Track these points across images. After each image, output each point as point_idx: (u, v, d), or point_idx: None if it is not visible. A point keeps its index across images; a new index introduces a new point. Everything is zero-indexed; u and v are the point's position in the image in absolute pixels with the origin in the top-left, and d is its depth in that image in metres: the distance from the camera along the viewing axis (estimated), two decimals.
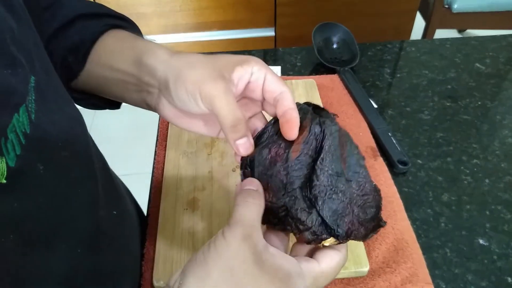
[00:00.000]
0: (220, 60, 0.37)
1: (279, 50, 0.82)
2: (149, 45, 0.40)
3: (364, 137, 0.61)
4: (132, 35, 0.43)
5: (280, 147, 0.35)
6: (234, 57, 0.38)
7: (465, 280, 0.46)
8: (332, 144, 0.35)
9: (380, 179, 0.55)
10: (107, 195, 0.40)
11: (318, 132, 0.35)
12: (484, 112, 0.67)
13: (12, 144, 0.24)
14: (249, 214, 0.31)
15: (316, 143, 0.35)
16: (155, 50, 0.39)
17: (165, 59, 0.38)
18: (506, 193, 0.55)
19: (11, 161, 0.24)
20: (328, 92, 0.69)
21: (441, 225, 0.52)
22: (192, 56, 0.38)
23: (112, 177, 0.46)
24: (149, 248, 0.49)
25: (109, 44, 0.42)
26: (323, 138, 0.35)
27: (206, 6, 1.54)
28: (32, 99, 0.27)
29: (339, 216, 0.33)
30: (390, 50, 0.80)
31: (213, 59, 0.37)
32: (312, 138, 0.35)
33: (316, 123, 0.36)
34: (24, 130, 0.25)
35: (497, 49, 0.80)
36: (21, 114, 0.25)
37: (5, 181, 0.23)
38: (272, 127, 0.37)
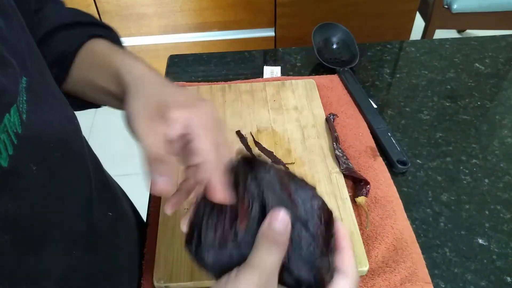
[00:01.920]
0: (170, 95, 0.36)
1: (279, 50, 0.82)
2: (125, 61, 0.39)
3: (363, 137, 0.61)
4: (111, 48, 0.42)
5: (225, 222, 0.31)
6: (184, 97, 0.36)
7: (465, 280, 0.46)
8: (273, 194, 0.32)
9: (379, 179, 0.55)
10: (101, 197, 0.39)
11: (254, 190, 0.32)
12: (484, 112, 0.67)
13: (4, 144, 0.24)
14: (270, 259, 0.29)
15: (259, 202, 0.32)
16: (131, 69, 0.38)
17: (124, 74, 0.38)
18: (505, 193, 0.55)
19: (4, 161, 0.24)
20: (328, 92, 0.69)
21: (441, 225, 0.52)
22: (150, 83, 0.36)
23: (107, 178, 0.46)
24: (150, 248, 0.49)
25: (89, 58, 0.42)
26: (263, 194, 0.31)
27: (206, 6, 1.54)
28: (24, 100, 0.27)
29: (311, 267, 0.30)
30: (390, 50, 0.80)
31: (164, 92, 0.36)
32: (251, 199, 0.32)
33: (250, 180, 0.32)
34: (15, 130, 0.25)
35: (497, 49, 0.80)
36: (12, 114, 0.25)
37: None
38: (203, 202, 0.33)
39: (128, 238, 0.48)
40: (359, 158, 0.58)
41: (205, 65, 0.77)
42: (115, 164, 0.45)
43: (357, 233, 0.48)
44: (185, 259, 0.46)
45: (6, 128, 0.24)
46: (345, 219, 0.49)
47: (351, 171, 0.55)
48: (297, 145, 0.59)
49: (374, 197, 0.53)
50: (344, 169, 0.55)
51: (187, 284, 0.45)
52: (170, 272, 0.45)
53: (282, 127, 0.62)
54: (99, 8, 1.54)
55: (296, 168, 0.56)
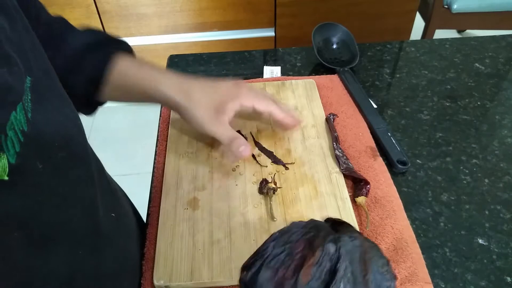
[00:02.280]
0: (217, 94, 0.51)
1: (279, 50, 0.82)
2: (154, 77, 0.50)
3: (363, 137, 0.61)
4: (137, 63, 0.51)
5: (289, 269, 0.31)
6: (228, 90, 0.52)
7: (464, 280, 0.46)
8: (349, 265, 0.30)
9: (379, 179, 0.55)
10: (104, 198, 0.40)
11: (332, 252, 0.31)
12: (484, 112, 0.67)
13: (11, 141, 0.25)
14: None
15: (330, 265, 0.31)
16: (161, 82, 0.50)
17: (172, 95, 0.49)
18: (505, 193, 0.55)
19: (12, 157, 0.24)
20: (328, 92, 0.69)
21: (441, 225, 0.52)
22: (195, 92, 0.50)
23: (108, 180, 0.46)
24: (150, 248, 0.49)
25: (119, 81, 0.50)
26: (338, 259, 0.31)
27: (206, 6, 1.54)
28: (28, 99, 0.27)
29: None
30: (390, 50, 0.80)
31: (212, 95, 0.51)
32: (325, 259, 0.31)
33: (329, 240, 0.31)
34: (22, 128, 0.26)
35: (497, 49, 0.80)
36: (18, 112, 0.26)
37: (7, 178, 0.24)
38: (274, 243, 0.32)
39: (130, 239, 0.48)
40: (359, 158, 0.58)
41: (205, 65, 0.77)
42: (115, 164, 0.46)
43: None
44: (185, 259, 0.46)
45: (13, 126, 0.25)
46: (345, 219, 0.49)
47: (351, 171, 0.55)
48: (297, 145, 0.59)
49: (374, 197, 0.53)
50: (344, 169, 0.55)
51: (187, 284, 0.45)
52: (170, 272, 0.45)
53: None
54: (99, 8, 1.54)
55: (296, 168, 0.56)
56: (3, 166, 0.24)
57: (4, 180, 0.24)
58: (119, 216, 0.45)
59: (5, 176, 0.24)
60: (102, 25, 1.58)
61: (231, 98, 0.50)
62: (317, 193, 0.53)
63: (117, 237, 0.43)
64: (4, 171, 0.24)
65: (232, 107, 0.50)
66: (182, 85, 0.50)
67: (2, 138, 0.24)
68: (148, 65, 0.51)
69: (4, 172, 0.24)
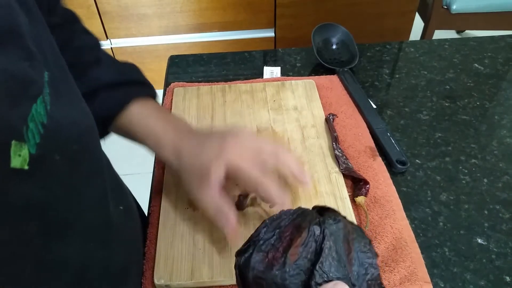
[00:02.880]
0: (203, 155, 0.44)
1: (279, 51, 0.82)
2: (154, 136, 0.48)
3: (363, 137, 0.61)
4: (146, 115, 0.49)
5: (278, 251, 0.33)
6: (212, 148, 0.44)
7: (464, 279, 0.47)
8: (333, 245, 0.32)
9: (379, 178, 0.56)
10: (113, 191, 0.41)
11: (317, 233, 0.33)
12: (483, 112, 0.67)
13: (32, 132, 0.26)
14: None
15: (316, 245, 0.32)
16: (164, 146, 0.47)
17: (167, 158, 0.47)
18: (504, 193, 0.55)
19: (32, 148, 0.26)
20: (328, 93, 0.69)
21: (440, 225, 0.52)
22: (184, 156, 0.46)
23: (116, 174, 0.47)
24: (150, 247, 0.49)
25: (126, 127, 0.49)
26: (323, 240, 0.32)
27: (206, 7, 1.55)
28: (47, 92, 0.28)
29: None
30: (389, 51, 0.80)
31: (198, 157, 0.44)
32: (311, 240, 0.33)
33: (315, 223, 0.33)
34: (42, 120, 0.27)
35: (496, 49, 0.80)
36: (39, 105, 0.27)
37: (27, 167, 0.25)
38: (265, 230, 0.35)
39: (137, 234, 0.49)
40: (358, 158, 0.58)
41: (205, 65, 0.78)
42: (115, 164, 0.46)
43: None
44: (186, 258, 0.47)
45: (34, 118, 0.26)
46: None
47: (351, 171, 0.55)
48: (297, 145, 0.59)
49: (374, 196, 0.53)
50: (343, 169, 0.55)
51: (188, 283, 0.45)
52: (170, 271, 0.45)
53: (282, 127, 0.62)
54: (100, 9, 1.55)
55: None
56: (24, 155, 0.25)
57: (24, 169, 0.25)
58: (127, 210, 0.46)
59: (25, 166, 0.25)
60: (103, 26, 1.58)
61: (214, 157, 0.43)
62: (316, 192, 0.53)
63: (125, 230, 0.44)
64: (25, 160, 0.25)
65: (215, 170, 0.42)
66: (177, 146, 0.46)
67: (24, 129, 0.25)
68: (155, 117, 0.48)
69: (25, 162, 0.25)
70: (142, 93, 0.50)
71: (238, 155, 0.43)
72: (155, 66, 1.70)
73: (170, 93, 0.69)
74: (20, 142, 0.25)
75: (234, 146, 0.43)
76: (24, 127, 0.25)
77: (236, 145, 0.43)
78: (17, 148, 0.24)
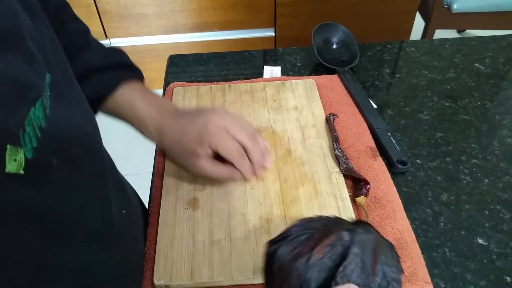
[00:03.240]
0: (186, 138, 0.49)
1: (279, 51, 0.82)
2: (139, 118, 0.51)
3: (363, 137, 0.61)
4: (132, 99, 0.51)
5: (305, 247, 0.35)
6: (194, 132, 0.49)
7: (464, 280, 0.47)
8: (360, 252, 0.34)
9: (379, 178, 0.55)
10: (116, 195, 0.41)
11: (346, 238, 0.35)
12: (483, 112, 0.67)
13: (29, 136, 0.25)
14: None
15: (343, 249, 0.34)
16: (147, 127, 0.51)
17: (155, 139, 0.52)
18: (505, 193, 0.55)
19: (28, 152, 0.25)
20: (328, 92, 0.69)
21: (440, 225, 0.52)
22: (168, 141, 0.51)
23: (120, 176, 0.47)
24: (150, 247, 0.49)
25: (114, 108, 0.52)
26: (350, 245, 0.34)
27: (206, 6, 1.55)
28: (47, 95, 0.28)
29: None
30: (390, 50, 0.80)
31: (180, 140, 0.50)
32: (338, 243, 0.35)
33: (345, 229, 0.35)
34: (40, 124, 0.27)
35: (497, 49, 0.80)
36: (37, 108, 0.26)
37: (23, 172, 0.25)
38: (297, 228, 0.37)
39: (139, 237, 0.49)
40: (359, 158, 0.58)
41: (205, 65, 0.77)
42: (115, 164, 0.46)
43: None
44: (185, 259, 0.46)
45: (31, 121, 0.26)
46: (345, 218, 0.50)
47: (351, 171, 0.55)
48: (297, 145, 0.59)
49: (374, 197, 0.53)
50: (344, 169, 0.55)
51: (188, 284, 0.45)
52: (170, 272, 0.45)
53: (282, 127, 0.62)
54: (99, 8, 1.55)
55: (296, 168, 0.56)
56: (20, 160, 0.24)
57: (20, 174, 0.24)
58: (130, 214, 0.46)
59: (21, 170, 0.25)
60: (102, 25, 1.58)
61: (198, 143, 0.48)
62: (317, 193, 0.53)
63: (127, 234, 0.44)
64: (20, 165, 0.24)
65: (201, 152, 0.49)
66: (159, 127, 0.51)
67: (21, 133, 0.25)
68: (141, 99, 0.51)
69: (21, 166, 0.24)
70: (130, 75, 0.52)
71: (218, 138, 0.48)
72: (154, 65, 1.70)
73: (169, 92, 0.69)
74: (16, 146, 0.24)
75: (215, 130, 0.48)
76: (21, 131, 0.25)
77: (216, 128, 0.48)
78: (13, 152, 0.24)
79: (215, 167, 0.49)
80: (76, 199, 0.32)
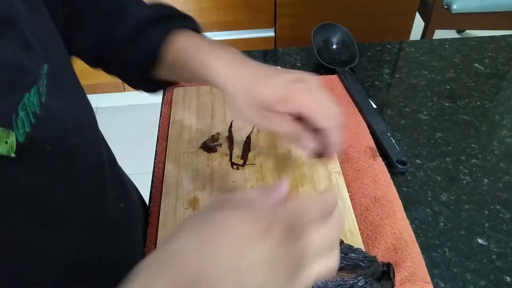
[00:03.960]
0: (262, 95, 0.41)
1: (279, 51, 0.82)
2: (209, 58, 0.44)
3: (363, 137, 0.61)
4: (193, 44, 0.46)
5: None
6: (274, 91, 0.40)
7: (464, 279, 0.47)
8: None
9: (379, 179, 0.55)
10: (114, 188, 0.41)
11: (360, 284, 0.39)
12: (483, 112, 0.67)
13: (22, 121, 0.26)
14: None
15: None
16: (214, 68, 0.43)
17: (222, 82, 0.43)
18: (505, 193, 0.55)
19: (20, 136, 0.26)
20: (328, 92, 0.69)
21: (440, 225, 0.52)
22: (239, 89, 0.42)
23: (120, 172, 0.48)
24: (150, 248, 0.49)
25: (174, 57, 0.46)
26: None
27: (206, 7, 1.55)
28: (44, 84, 0.29)
29: None
30: (389, 51, 0.80)
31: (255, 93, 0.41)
32: (351, 282, 0.39)
33: (367, 274, 0.40)
34: (34, 110, 0.27)
35: (496, 49, 0.80)
36: (32, 95, 0.27)
37: (14, 155, 0.25)
38: None
39: (137, 231, 0.49)
40: (358, 158, 0.58)
41: None
42: None
43: (357, 233, 0.49)
44: None
45: (26, 107, 0.26)
46: (345, 218, 0.50)
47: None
48: None
49: (374, 197, 0.53)
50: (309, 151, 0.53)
51: None
52: None
53: None
54: None
55: (296, 168, 0.56)
56: (11, 143, 0.25)
57: (11, 157, 0.25)
58: (128, 208, 0.46)
59: (12, 153, 0.25)
60: None
61: (279, 102, 0.40)
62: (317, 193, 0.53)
63: (124, 227, 0.44)
64: (12, 148, 0.25)
65: (287, 110, 0.40)
66: (231, 74, 0.44)
67: (13, 117, 0.25)
68: (204, 45, 0.46)
69: (12, 149, 0.25)
70: (184, 24, 0.49)
71: (310, 103, 0.40)
72: None
73: (170, 93, 0.69)
74: (7, 129, 0.25)
75: (302, 92, 0.41)
76: (14, 114, 0.25)
77: (309, 92, 0.41)
78: (4, 134, 0.24)
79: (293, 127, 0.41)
80: (71, 188, 0.32)
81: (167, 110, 0.66)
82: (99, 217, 0.38)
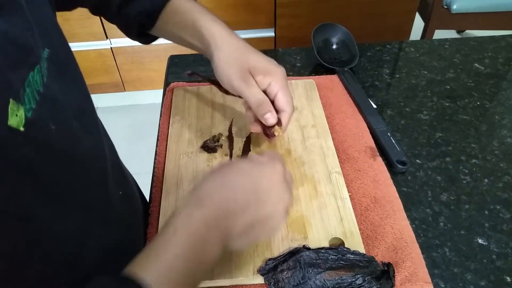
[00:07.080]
0: (251, 60, 0.49)
1: (279, 51, 0.82)
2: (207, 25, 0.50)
3: (363, 137, 0.61)
4: (190, 7, 0.52)
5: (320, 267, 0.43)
6: (262, 62, 0.50)
7: (464, 280, 0.47)
8: None
9: (379, 179, 0.55)
10: (114, 175, 0.43)
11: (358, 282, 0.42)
12: (483, 112, 0.67)
13: (28, 97, 0.27)
14: None
15: None
16: (212, 30, 0.50)
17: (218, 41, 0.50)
18: (505, 193, 0.55)
19: (28, 111, 0.27)
20: (328, 93, 0.69)
21: (440, 225, 0.52)
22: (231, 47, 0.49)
23: (119, 160, 0.49)
24: None
25: (172, 17, 0.52)
26: None
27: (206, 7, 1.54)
28: (45, 67, 0.30)
29: None
30: (389, 51, 0.80)
31: (246, 57, 0.49)
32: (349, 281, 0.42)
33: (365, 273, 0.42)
34: (37, 88, 0.28)
35: (496, 49, 0.80)
36: (36, 73, 0.28)
37: (23, 129, 0.26)
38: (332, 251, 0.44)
39: (136, 220, 0.50)
40: (358, 158, 0.58)
41: (205, 65, 0.77)
42: None
43: (357, 233, 0.48)
44: None
45: (31, 84, 0.28)
46: (345, 218, 0.50)
47: None
48: (297, 145, 0.59)
49: (374, 197, 0.53)
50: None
51: None
52: None
53: None
54: None
55: (296, 168, 0.56)
56: (21, 116, 0.26)
57: (20, 130, 0.26)
58: (127, 196, 0.47)
59: (21, 127, 0.26)
60: (103, 25, 1.58)
61: (263, 71, 0.49)
62: (317, 193, 0.53)
63: (124, 215, 0.45)
64: (21, 121, 0.26)
65: (261, 81, 0.49)
66: (226, 36, 0.50)
67: (21, 91, 0.26)
68: (201, 11, 0.52)
69: (21, 123, 0.26)
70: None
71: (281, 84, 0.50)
72: (155, 66, 1.70)
73: (170, 93, 0.69)
74: (17, 102, 0.26)
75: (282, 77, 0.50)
76: (22, 89, 0.26)
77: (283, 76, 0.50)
78: (15, 107, 0.26)
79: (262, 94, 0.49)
80: (75, 169, 0.33)
81: (167, 110, 0.66)
82: (101, 200, 0.39)
